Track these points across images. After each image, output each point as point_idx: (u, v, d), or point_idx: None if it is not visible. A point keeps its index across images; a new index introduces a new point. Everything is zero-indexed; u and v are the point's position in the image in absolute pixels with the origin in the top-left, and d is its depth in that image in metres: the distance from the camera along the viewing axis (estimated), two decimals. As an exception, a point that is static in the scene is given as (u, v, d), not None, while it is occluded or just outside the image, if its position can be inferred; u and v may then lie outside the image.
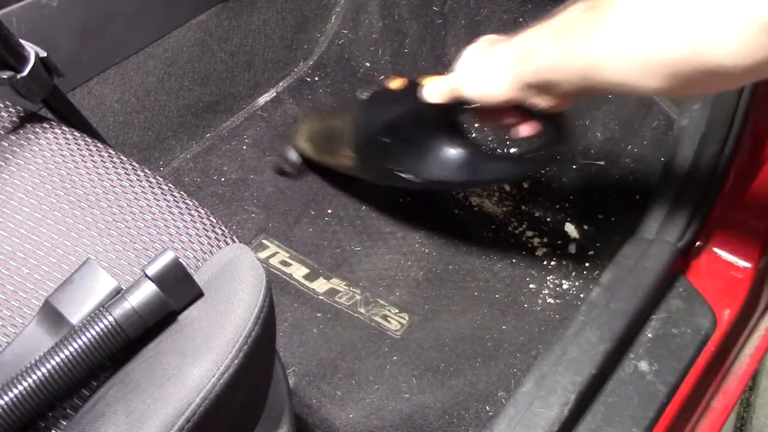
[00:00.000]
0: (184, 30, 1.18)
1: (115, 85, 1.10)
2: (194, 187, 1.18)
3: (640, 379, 0.77)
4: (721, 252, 0.86)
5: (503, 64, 0.71)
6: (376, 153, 0.91)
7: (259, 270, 0.52)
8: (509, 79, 0.70)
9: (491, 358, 0.96)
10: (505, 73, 0.70)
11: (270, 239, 1.12)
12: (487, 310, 1.02)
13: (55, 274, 0.57)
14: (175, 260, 0.50)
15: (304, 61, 1.39)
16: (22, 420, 0.46)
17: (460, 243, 1.11)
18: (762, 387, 1.27)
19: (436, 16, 1.30)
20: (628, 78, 0.59)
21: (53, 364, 0.47)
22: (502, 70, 0.71)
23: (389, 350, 0.98)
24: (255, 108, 1.32)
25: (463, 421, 0.89)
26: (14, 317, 0.55)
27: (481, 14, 1.26)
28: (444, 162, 0.84)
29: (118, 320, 0.48)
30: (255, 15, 1.28)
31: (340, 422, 0.90)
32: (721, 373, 0.86)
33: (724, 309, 0.83)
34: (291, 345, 0.98)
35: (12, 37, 0.64)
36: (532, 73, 0.68)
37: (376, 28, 1.36)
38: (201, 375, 0.46)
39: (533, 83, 0.69)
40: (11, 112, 0.68)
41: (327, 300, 1.04)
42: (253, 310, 0.50)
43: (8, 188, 0.62)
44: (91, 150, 0.66)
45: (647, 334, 0.80)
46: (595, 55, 0.61)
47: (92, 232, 0.59)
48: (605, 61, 0.60)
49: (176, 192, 0.63)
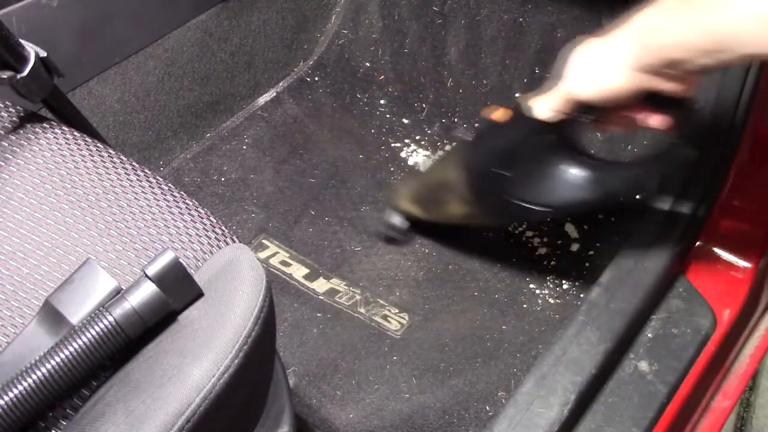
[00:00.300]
0: (184, 30, 1.18)
1: (115, 85, 1.10)
2: (194, 187, 1.18)
3: (640, 379, 0.77)
4: (721, 252, 0.86)
5: (619, 52, 0.65)
6: (495, 191, 0.84)
7: (259, 270, 0.52)
8: (629, 65, 0.65)
9: (491, 358, 0.96)
10: (623, 61, 0.65)
11: (270, 239, 1.12)
12: (487, 310, 1.02)
13: (55, 274, 0.57)
14: (175, 260, 0.50)
15: (304, 61, 1.39)
16: (22, 420, 0.46)
17: (460, 243, 1.11)
18: (762, 387, 1.27)
19: (436, 16, 1.30)
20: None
21: (53, 364, 0.47)
22: (620, 59, 0.65)
23: (389, 350, 0.98)
24: (255, 108, 1.32)
25: (463, 421, 0.89)
26: (14, 317, 0.55)
27: (481, 14, 1.26)
28: (573, 182, 0.77)
29: (118, 320, 0.48)
30: (255, 15, 1.28)
31: (340, 422, 0.90)
32: (721, 373, 0.86)
33: (724, 309, 0.83)
34: (291, 345, 0.98)
35: (12, 37, 0.64)
36: (655, 54, 0.62)
37: (376, 28, 1.36)
38: (201, 375, 0.46)
39: (657, 66, 0.63)
40: (11, 112, 0.68)
41: (327, 300, 1.04)
42: (253, 310, 0.50)
43: (8, 188, 0.62)
44: (91, 150, 0.66)
45: (647, 334, 0.80)
46: (730, 23, 0.56)
47: (92, 232, 0.59)
48: (743, 29, 0.55)
49: (176, 192, 0.63)
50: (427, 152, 1.25)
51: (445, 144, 1.26)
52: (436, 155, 1.24)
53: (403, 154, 1.25)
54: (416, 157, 1.24)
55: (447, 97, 1.30)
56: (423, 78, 1.32)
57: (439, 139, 1.27)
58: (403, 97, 1.33)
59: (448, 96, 1.30)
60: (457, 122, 1.28)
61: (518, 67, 1.24)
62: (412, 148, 1.26)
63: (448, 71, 1.30)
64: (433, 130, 1.28)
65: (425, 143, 1.26)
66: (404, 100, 1.32)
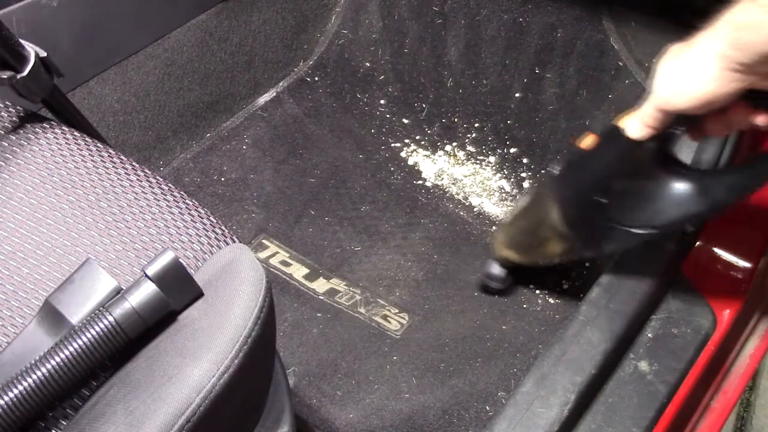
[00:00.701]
0: (184, 30, 1.18)
1: (115, 85, 1.10)
2: (194, 187, 1.18)
3: (640, 379, 0.77)
4: (721, 252, 0.86)
5: (711, 55, 0.62)
6: (594, 220, 0.81)
7: (259, 270, 0.52)
8: (723, 67, 0.61)
9: (491, 358, 0.96)
10: (716, 64, 0.62)
11: (270, 239, 1.12)
12: (487, 310, 1.02)
13: (55, 274, 0.57)
14: (175, 260, 0.50)
15: (304, 61, 1.39)
16: (22, 420, 0.46)
17: (460, 243, 1.11)
18: (762, 387, 1.27)
19: (436, 16, 1.30)
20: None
21: (53, 364, 0.47)
22: (712, 62, 0.62)
23: (389, 350, 0.98)
24: (255, 108, 1.32)
25: (463, 421, 0.89)
26: (14, 317, 0.55)
27: (481, 14, 1.26)
28: (678, 197, 0.74)
29: (118, 320, 0.48)
30: (255, 15, 1.28)
31: (340, 422, 0.90)
32: (721, 373, 0.86)
33: (724, 309, 0.83)
34: (291, 345, 0.98)
35: (12, 37, 0.64)
36: (751, 52, 0.59)
37: (376, 28, 1.36)
38: (201, 375, 0.46)
39: (754, 64, 0.60)
40: (11, 112, 0.68)
41: (327, 300, 1.04)
42: (253, 310, 0.50)
43: (8, 188, 0.62)
44: (91, 150, 0.66)
45: (647, 334, 0.80)
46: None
47: (92, 232, 0.59)
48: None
49: (176, 192, 0.63)
50: (427, 152, 1.25)
51: (445, 144, 1.26)
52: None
53: (403, 154, 1.25)
54: (416, 157, 1.25)
55: (447, 97, 1.30)
56: (423, 78, 1.32)
57: (439, 139, 1.27)
58: (403, 97, 1.33)
59: (448, 96, 1.30)
60: (457, 122, 1.28)
61: (518, 67, 1.24)
62: (412, 148, 1.26)
63: (448, 71, 1.30)
64: (433, 130, 1.28)
65: (425, 143, 1.26)
66: (404, 100, 1.32)
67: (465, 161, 1.23)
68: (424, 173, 1.22)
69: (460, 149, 1.25)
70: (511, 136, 1.24)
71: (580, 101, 1.19)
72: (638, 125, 0.70)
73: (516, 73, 1.24)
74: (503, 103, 1.25)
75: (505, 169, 1.21)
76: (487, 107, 1.26)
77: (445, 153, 1.25)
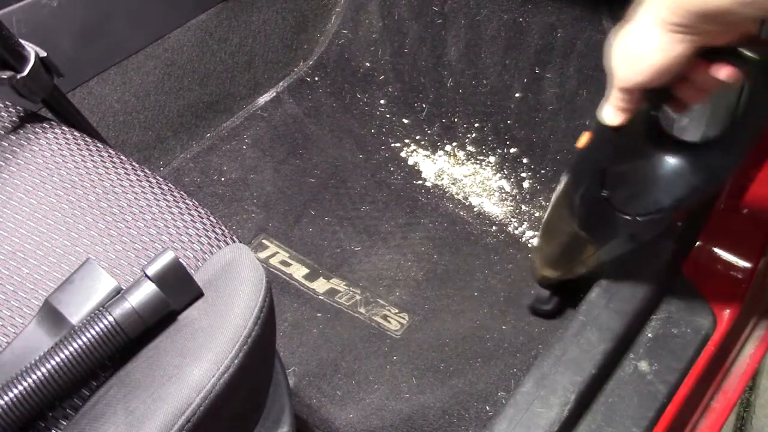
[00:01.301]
0: (184, 30, 1.18)
1: (115, 85, 1.10)
2: (194, 187, 1.18)
3: (640, 379, 0.77)
4: (721, 252, 0.86)
5: (652, 24, 0.62)
6: (603, 216, 0.79)
7: (259, 270, 0.52)
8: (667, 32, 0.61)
9: (491, 358, 0.96)
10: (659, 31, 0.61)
11: (270, 239, 1.12)
12: (487, 310, 1.02)
13: (55, 274, 0.57)
14: (175, 260, 0.50)
15: (304, 61, 1.39)
16: (22, 420, 0.46)
17: (460, 243, 1.11)
18: (762, 387, 1.27)
19: (436, 16, 1.30)
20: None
21: (53, 364, 0.47)
22: (655, 30, 0.62)
23: (389, 350, 0.98)
24: (255, 108, 1.32)
25: (463, 421, 0.89)
26: (14, 317, 0.55)
27: (481, 14, 1.26)
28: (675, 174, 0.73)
29: (118, 320, 0.48)
30: (255, 15, 1.28)
31: (340, 422, 0.90)
32: (721, 373, 0.86)
33: (724, 309, 0.83)
34: (291, 345, 0.98)
35: (12, 37, 0.64)
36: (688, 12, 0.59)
37: (376, 28, 1.36)
38: (201, 375, 0.46)
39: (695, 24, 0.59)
40: (11, 112, 0.68)
41: (327, 300, 1.04)
42: (253, 310, 0.50)
43: (8, 188, 0.62)
44: (91, 150, 0.66)
45: (647, 334, 0.80)
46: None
47: (92, 232, 0.59)
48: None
49: (176, 192, 0.63)
50: (427, 152, 1.25)
51: (445, 144, 1.26)
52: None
53: (403, 154, 1.25)
54: (416, 157, 1.25)
55: (447, 97, 1.30)
56: (423, 78, 1.32)
57: (439, 139, 1.27)
58: (403, 97, 1.33)
59: (448, 96, 1.30)
60: (457, 122, 1.28)
61: (518, 67, 1.24)
62: (412, 148, 1.26)
63: (448, 71, 1.30)
64: (433, 130, 1.28)
65: (425, 143, 1.26)
66: (404, 100, 1.32)
67: (465, 161, 1.23)
68: (424, 173, 1.22)
69: (460, 149, 1.25)
70: (511, 136, 1.24)
71: (580, 101, 1.19)
72: (611, 111, 0.72)
73: (516, 73, 1.24)
74: (503, 103, 1.25)
75: (505, 169, 1.21)
76: (487, 107, 1.26)
77: (445, 153, 1.25)
